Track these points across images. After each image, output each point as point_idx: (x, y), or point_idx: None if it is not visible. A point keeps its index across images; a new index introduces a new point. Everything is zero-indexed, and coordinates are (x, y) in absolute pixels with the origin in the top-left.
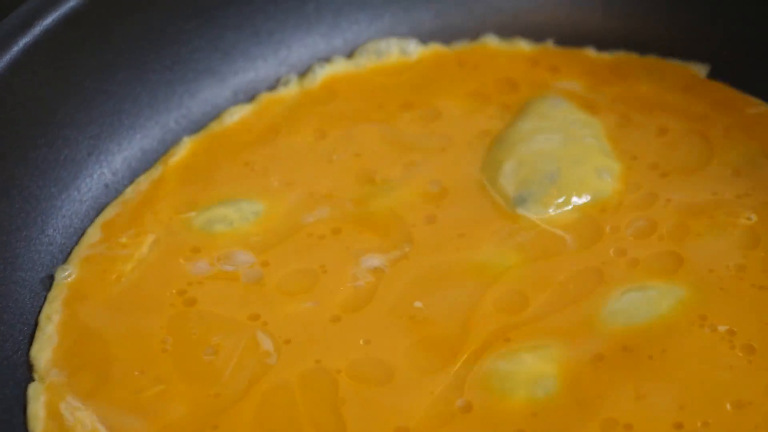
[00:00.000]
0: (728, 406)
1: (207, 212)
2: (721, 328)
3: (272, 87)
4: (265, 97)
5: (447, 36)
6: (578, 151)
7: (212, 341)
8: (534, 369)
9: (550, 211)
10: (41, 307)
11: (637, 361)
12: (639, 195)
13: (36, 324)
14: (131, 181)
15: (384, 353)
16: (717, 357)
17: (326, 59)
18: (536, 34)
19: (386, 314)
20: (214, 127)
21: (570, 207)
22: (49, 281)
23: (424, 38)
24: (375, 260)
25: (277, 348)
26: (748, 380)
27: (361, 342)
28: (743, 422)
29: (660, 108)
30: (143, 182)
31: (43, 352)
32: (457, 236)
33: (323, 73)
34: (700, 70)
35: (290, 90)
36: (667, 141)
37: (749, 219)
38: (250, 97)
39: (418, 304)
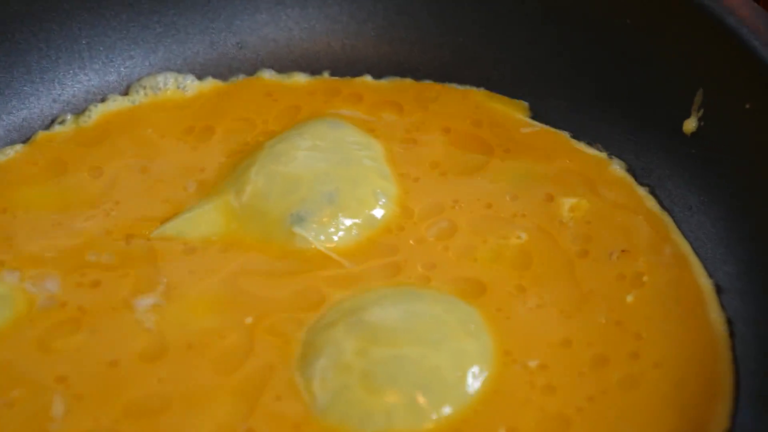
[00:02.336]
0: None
1: None
2: (532, 364)
3: (47, 126)
4: (40, 137)
5: (223, 70)
6: (356, 172)
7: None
8: None
9: (330, 230)
10: None
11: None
12: (419, 215)
13: None
14: None
15: (166, 386)
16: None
17: (101, 96)
18: (312, 66)
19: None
20: None
21: (347, 227)
22: None
23: (200, 72)
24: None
25: (68, 407)
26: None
27: (155, 380)
28: None
29: (437, 130)
30: None
31: None
32: (225, 254)
33: (98, 111)
34: (475, 93)
35: (65, 128)
36: (446, 155)
37: (519, 238)
38: (25, 137)
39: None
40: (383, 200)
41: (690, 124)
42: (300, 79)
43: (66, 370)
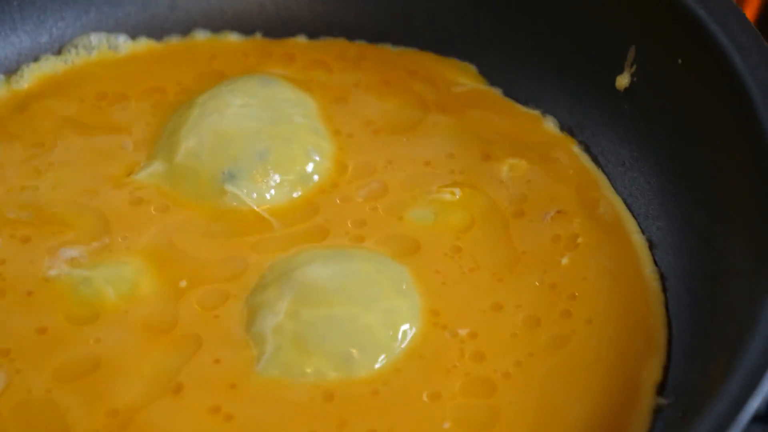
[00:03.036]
0: (424, 397)
1: None
2: (462, 332)
3: None
4: None
5: (157, 31)
6: (288, 130)
7: None
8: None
9: (263, 188)
10: None
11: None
12: (353, 172)
13: None
14: None
15: (95, 348)
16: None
17: (34, 57)
18: (245, 27)
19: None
20: None
21: (280, 185)
22: None
23: (133, 33)
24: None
25: (8, 381)
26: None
27: (90, 341)
28: (434, 414)
29: (371, 88)
30: None
31: None
32: (160, 214)
33: (30, 72)
34: (410, 52)
35: None
36: (380, 113)
37: (454, 195)
38: None
39: (110, 291)
40: (317, 157)
41: (623, 80)
42: (234, 39)
43: (7, 342)
